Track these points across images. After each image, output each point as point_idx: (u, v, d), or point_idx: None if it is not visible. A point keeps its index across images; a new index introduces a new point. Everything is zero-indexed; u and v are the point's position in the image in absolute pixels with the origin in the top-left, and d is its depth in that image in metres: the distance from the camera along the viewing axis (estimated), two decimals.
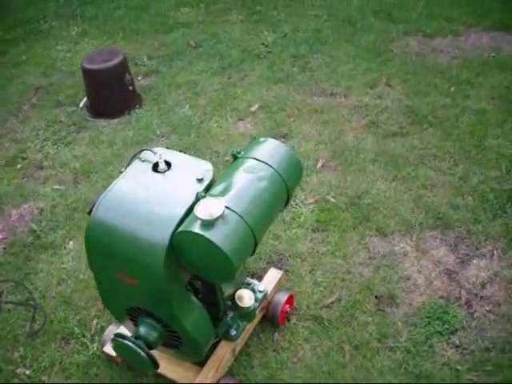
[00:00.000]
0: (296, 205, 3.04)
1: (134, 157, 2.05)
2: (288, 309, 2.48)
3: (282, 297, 2.46)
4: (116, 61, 3.71)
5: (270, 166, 1.89)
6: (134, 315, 2.09)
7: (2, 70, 4.55)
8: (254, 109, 3.74)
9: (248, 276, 2.63)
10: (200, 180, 1.90)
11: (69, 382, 2.37)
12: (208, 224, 1.70)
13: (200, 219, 1.69)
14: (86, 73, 3.73)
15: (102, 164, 3.42)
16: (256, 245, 1.81)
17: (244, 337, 2.35)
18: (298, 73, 4.07)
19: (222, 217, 1.71)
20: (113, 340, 2.02)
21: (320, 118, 3.63)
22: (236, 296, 2.24)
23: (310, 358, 2.36)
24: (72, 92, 4.12)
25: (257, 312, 2.34)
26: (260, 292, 2.39)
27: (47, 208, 3.15)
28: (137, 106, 3.89)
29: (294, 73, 4.08)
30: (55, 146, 3.66)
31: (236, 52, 4.36)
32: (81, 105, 3.96)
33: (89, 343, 2.48)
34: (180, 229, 1.73)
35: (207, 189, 1.88)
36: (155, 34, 4.75)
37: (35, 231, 3.01)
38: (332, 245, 2.81)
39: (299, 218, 2.96)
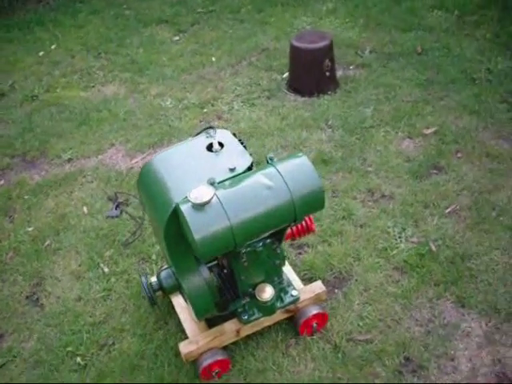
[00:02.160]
0: (399, 237, 2.92)
1: (205, 130, 2.30)
2: (314, 324, 2.51)
3: (312, 310, 2.49)
4: (320, 45, 3.88)
5: (284, 181, 1.94)
6: None
7: (249, 25, 5.08)
8: (428, 131, 3.58)
9: (303, 279, 2.72)
10: (232, 170, 2.07)
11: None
12: (194, 206, 1.88)
13: (189, 200, 1.88)
14: (292, 48, 3.99)
15: (263, 133, 3.71)
16: (236, 243, 1.92)
17: (257, 325, 2.47)
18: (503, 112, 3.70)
19: (209, 205, 1.88)
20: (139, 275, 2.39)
21: (489, 163, 3.31)
22: (258, 287, 2.37)
23: (303, 377, 2.39)
24: (287, 61, 4.42)
25: (277, 311, 2.45)
26: (291, 296, 2.48)
27: None
28: (329, 92, 4.03)
29: (498, 111, 3.71)
30: (241, 104, 4.06)
31: (454, 71, 4.12)
32: (283, 76, 4.26)
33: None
34: (179, 201, 1.94)
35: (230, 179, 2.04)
36: (393, 30, 4.72)
37: None
38: (402, 290, 2.67)
39: (392, 251, 2.86)
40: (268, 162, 2.06)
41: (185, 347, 2.40)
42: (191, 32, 5.14)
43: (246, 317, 2.42)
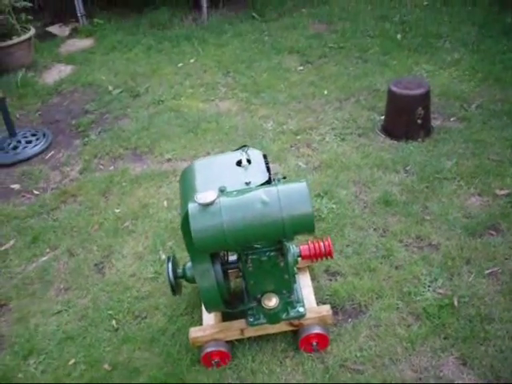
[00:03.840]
0: (428, 286, 2.97)
1: (242, 147, 2.63)
2: (314, 343, 2.69)
3: (314, 329, 2.68)
4: (415, 92, 4.00)
5: (279, 199, 2.20)
6: None
7: (371, 65, 5.28)
8: (500, 192, 3.53)
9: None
10: (247, 183, 2.39)
11: None
12: (199, 205, 2.22)
13: (195, 200, 2.23)
14: (389, 92, 4.14)
15: (341, 166, 3.92)
16: (227, 243, 2.22)
17: (261, 330, 2.71)
18: None
19: (210, 206, 2.21)
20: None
21: None
22: (265, 294, 2.62)
23: None
24: None
25: (281, 322, 2.68)
26: (297, 312, 2.69)
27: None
28: (418, 139, 4.11)
29: None
30: (334, 137, 4.30)
31: None
32: (381, 117, 4.42)
33: None
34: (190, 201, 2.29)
35: None
36: (510, 88, 4.63)
37: None
38: (410, 334, 2.74)
39: (415, 296, 2.92)
40: (274, 181, 2.34)
41: (194, 332, 2.73)
42: (316, 64, 5.48)
43: (251, 319, 2.68)
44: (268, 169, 2.52)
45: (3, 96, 4.47)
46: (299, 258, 2.77)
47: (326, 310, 2.74)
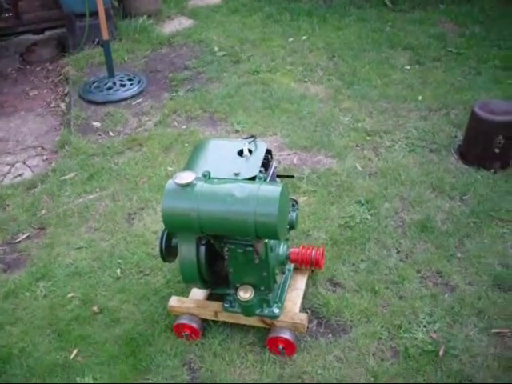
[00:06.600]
0: (423, 326, 2.80)
1: (251, 137, 2.63)
2: (280, 346, 2.68)
3: (283, 333, 2.67)
4: (497, 118, 3.65)
5: (248, 198, 2.20)
6: None
7: (483, 78, 4.87)
8: None
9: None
10: (236, 174, 2.42)
11: None
12: (177, 185, 2.30)
13: (173, 180, 2.30)
14: (471, 112, 3.82)
15: (395, 179, 3.74)
16: (191, 225, 2.28)
17: (233, 318, 2.76)
18: None
19: (185, 188, 2.27)
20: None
21: None
22: (243, 285, 2.64)
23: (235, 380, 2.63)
24: None
25: (253, 316, 2.70)
26: (271, 311, 2.70)
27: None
28: (492, 169, 3.76)
29: None
30: (404, 147, 4.07)
31: None
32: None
33: None
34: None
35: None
36: None
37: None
38: (378, 369, 2.62)
39: (404, 333, 2.77)
40: (259, 178, 2.34)
41: (172, 301, 2.86)
42: (425, 67, 5.17)
43: (227, 305, 2.75)
44: (264, 164, 2.51)
45: (108, 39, 4.78)
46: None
47: (300, 318, 2.71)
